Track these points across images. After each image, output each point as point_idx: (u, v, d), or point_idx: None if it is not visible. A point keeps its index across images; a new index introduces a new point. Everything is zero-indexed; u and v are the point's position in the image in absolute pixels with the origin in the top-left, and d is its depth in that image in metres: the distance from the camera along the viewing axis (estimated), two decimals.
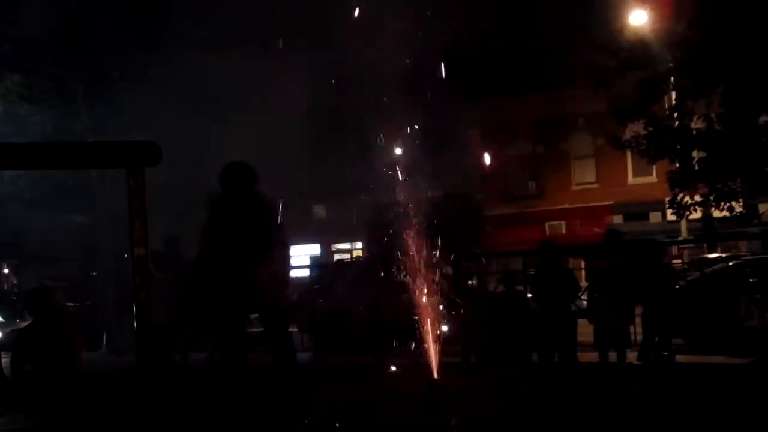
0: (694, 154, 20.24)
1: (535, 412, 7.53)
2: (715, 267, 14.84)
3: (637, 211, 33.16)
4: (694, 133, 20.07)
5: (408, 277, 8.09)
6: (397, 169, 8.11)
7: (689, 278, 14.20)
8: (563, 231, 34.77)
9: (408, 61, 8.03)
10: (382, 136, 8.15)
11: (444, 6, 7.97)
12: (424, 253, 7.95)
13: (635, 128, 21.50)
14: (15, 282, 28.46)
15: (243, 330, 9.29)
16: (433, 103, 8.20)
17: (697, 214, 22.21)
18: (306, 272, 16.60)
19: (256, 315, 8.95)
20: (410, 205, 8.06)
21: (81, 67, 19.12)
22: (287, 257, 9.27)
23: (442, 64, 8.17)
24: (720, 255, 20.38)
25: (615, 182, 34.45)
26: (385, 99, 8.02)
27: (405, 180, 8.10)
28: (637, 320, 11.44)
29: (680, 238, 23.32)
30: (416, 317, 7.98)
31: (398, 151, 8.23)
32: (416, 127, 8.14)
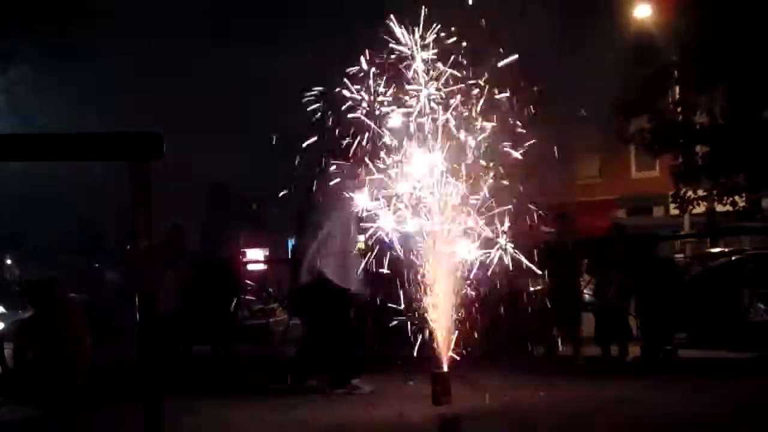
0: (698, 148, 20.24)
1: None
2: (718, 262, 14.82)
3: (640, 205, 33.13)
4: (698, 127, 20.07)
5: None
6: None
7: (692, 273, 14.20)
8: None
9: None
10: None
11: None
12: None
13: (639, 122, 21.49)
14: (18, 273, 28.47)
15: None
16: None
17: (700, 209, 22.20)
18: None
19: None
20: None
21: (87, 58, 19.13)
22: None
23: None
24: (723, 250, 20.36)
25: (618, 176, 34.41)
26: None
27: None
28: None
29: (683, 233, 23.31)
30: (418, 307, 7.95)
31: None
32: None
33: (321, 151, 8.22)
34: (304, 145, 8.07)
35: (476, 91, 7.74)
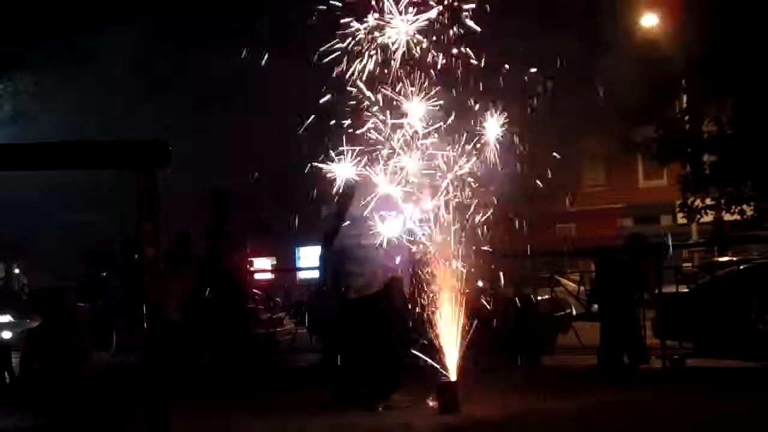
0: (706, 157, 20.21)
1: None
2: (726, 270, 14.77)
3: (647, 214, 33.07)
4: (706, 136, 20.06)
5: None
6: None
7: (700, 281, 14.15)
8: (573, 233, 34.64)
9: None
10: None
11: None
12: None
13: (646, 131, 21.47)
14: (25, 282, 28.54)
15: None
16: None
17: (708, 218, 22.16)
18: (315, 273, 16.53)
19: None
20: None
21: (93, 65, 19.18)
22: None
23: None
24: (731, 258, 20.32)
25: (626, 185, 34.36)
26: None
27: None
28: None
29: (691, 242, 23.27)
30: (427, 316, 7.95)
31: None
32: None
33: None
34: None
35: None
